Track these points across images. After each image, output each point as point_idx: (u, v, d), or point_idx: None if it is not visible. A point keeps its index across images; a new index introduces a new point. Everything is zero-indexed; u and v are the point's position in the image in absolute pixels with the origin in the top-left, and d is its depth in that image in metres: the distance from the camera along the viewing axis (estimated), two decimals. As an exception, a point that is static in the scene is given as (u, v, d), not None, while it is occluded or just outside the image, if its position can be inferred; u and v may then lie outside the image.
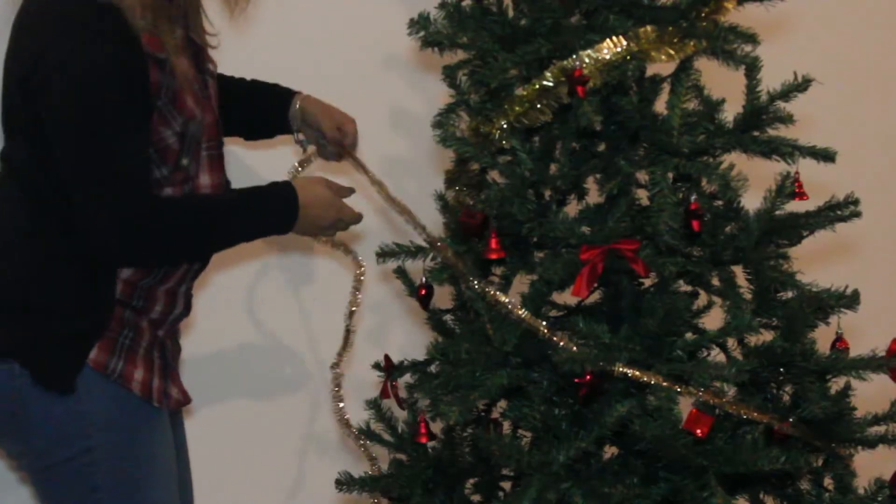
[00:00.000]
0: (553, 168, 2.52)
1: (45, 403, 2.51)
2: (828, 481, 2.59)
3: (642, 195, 2.51)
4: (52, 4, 2.52)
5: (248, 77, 2.94)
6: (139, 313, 2.60)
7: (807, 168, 2.55)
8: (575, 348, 2.40)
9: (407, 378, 2.70)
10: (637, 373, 2.38)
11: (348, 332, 2.91)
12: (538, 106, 2.49)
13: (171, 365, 2.68)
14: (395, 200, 2.69)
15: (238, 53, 2.97)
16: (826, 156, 2.53)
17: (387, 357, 2.76)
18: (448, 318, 2.66)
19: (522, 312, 2.45)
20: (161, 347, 2.64)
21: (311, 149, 2.92)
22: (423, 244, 2.62)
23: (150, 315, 2.62)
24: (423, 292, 2.62)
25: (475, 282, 2.50)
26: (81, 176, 2.48)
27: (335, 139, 2.86)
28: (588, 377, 2.36)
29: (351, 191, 2.79)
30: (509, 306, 2.46)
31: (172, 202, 2.57)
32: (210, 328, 3.19)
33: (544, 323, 2.44)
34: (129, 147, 2.49)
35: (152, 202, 2.53)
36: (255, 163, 3.22)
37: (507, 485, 2.66)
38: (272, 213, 2.64)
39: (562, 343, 2.41)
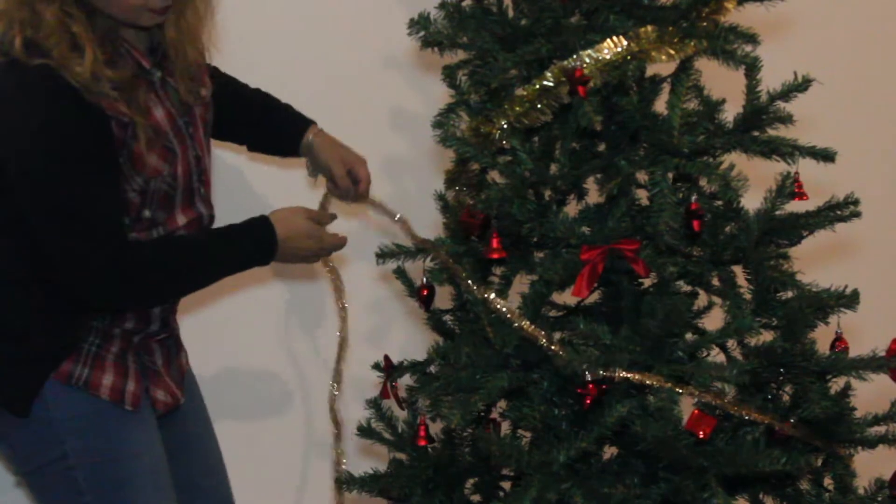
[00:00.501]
0: (553, 168, 2.52)
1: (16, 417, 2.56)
2: (828, 481, 2.59)
3: (642, 195, 2.51)
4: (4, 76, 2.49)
5: (256, 83, 2.94)
6: (109, 324, 2.60)
7: (807, 168, 2.55)
8: (574, 351, 2.41)
9: (407, 379, 2.70)
10: (638, 376, 2.38)
11: (342, 340, 2.92)
12: (538, 106, 2.48)
13: (155, 368, 2.67)
14: (416, 236, 2.68)
15: (238, 53, 2.97)
16: (826, 156, 2.53)
17: (387, 357, 2.76)
18: (448, 318, 2.66)
19: (523, 322, 2.45)
20: (137, 353, 2.64)
21: (322, 180, 2.89)
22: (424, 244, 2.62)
23: (121, 326, 2.62)
24: (426, 292, 2.62)
25: (476, 287, 2.50)
26: (50, 230, 2.49)
27: (346, 186, 2.83)
28: (591, 386, 2.36)
29: (332, 217, 2.78)
30: (509, 315, 2.46)
31: (147, 247, 2.57)
32: (209, 329, 3.19)
33: (543, 332, 2.44)
34: (96, 195, 2.49)
35: (124, 249, 2.53)
36: (265, 177, 3.23)
37: (507, 485, 2.66)
38: (249, 250, 2.65)
39: (560, 352, 2.41)
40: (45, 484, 2.61)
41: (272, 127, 2.89)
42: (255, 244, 2.64)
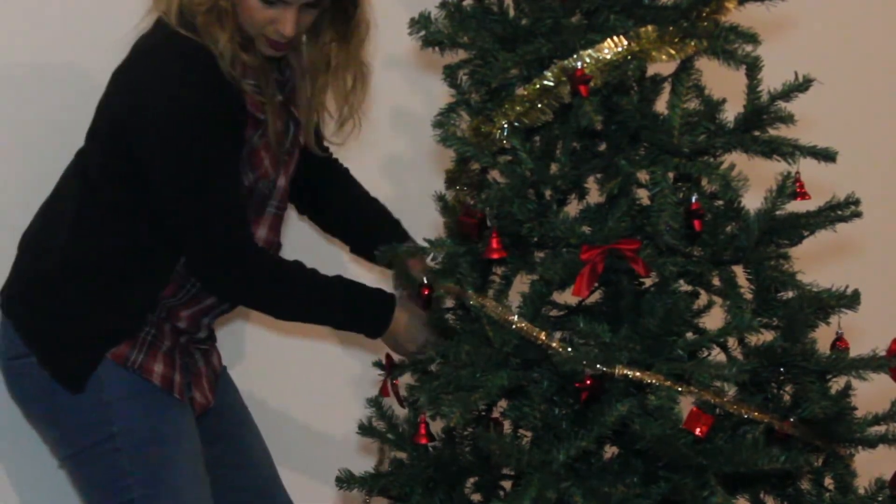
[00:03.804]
0: (553, 168, 2.52)
1: (70, 393, 2.63)
2: (828, 481, 2.59)
3: (643, 195, 2.51)
4: (157, 45, 2.60)
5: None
6: (163, 319, 2.67)
7: (807, 168, 2.55)
8: (573, 349, 2.41)
9: (408, 377, 2.70)
10: (637, 373, 2.38)
11: None
12: (539, 105, 2.48)
13: (196, 370, 2.76)
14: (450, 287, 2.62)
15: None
16: (827, 156, 2.53)
17: (387, 356, 2.76)
18: (449, 317, 2.66)
19: (522, 324, 2.45)
20: (183, 352, 2.71)
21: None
22: (424, 244, 2.62)
23: (174, 324, 2.69)
24: (427, 292, 2.62)
25: (474, 296, 2.51)
26: (182, 208, 2.59)
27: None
28: (589, 381, 2.36)
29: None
30: (507, 317, 2.46)
31: (271, 255, 2.67)
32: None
33: (543, 333, 2.44)
34: (228, 183, 2.59)
35: (251, 242, 2.63)
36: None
37: (507, 484, 2.66)
38: (361, 314, 2.69)
39: (560, 350, 2.41)
40: (89, 466, 2.67)
41: (369, 236, 2.88)
42: (372, 314, 2.69)
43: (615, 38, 2.45)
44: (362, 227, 2.92)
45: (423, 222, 3.09)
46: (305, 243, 3.16)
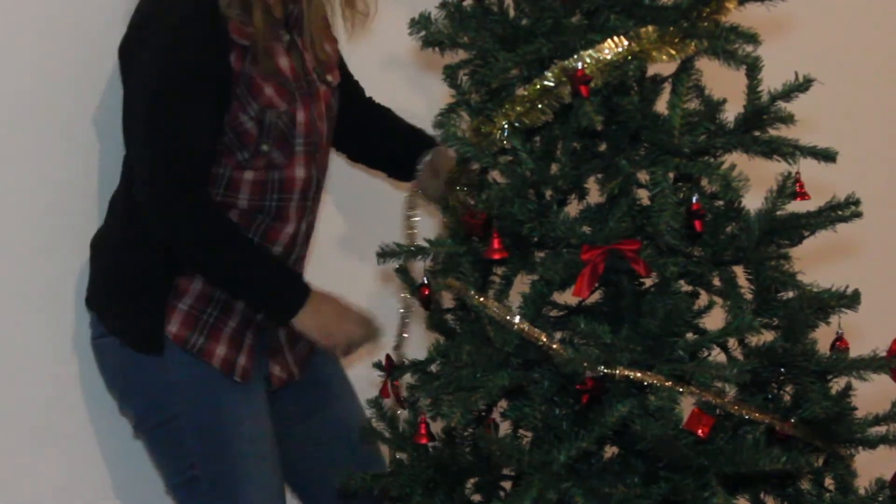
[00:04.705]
0: (554, 168, 2.52)
1: (142, 373, 2.77)
2: (828, 481, 2.59)
3: (643, 195, 2.51)
4: None
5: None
6: (231, 298, 2.77)
7: (807, 168, 2.55)
8: (574, 351, 2.41)
9: (408, 377, 2.70)
10: (638, 374, 2.38)
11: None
12: (539, 106, 2.48)
13: (276, 346, 2.84)
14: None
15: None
16: (827, 156, 2.53)
17: (387, 356, 2.76)
18: (449, 317, 2.66)
19: (524, 326, 2.45)
20: (260, 330, 2.80)
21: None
22: (424, 244, 2.62)
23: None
24: (427, 292, 2.62)
25: (476, 295, 2.51)
26: (142, 152, 2.71)
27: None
28: (590, 383, 2.36)
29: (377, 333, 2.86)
30: (508, 317, 2.46)
31: (215, 214, 2.72)
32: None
33: (543, 335, 2.44)
34: (190, 134, 2.67)
35: (195, 198, 2.70)
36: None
37: (507, 484, 2.66)
38: (271, 300, 2.77)
39: (561, 352, 2.41)
40: (157, 443, 2.81)
41: (400, 155, 3.00)
42: (280, 302, 2.77)
43: (615, 38, 2.45)
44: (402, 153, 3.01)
45: (423, 222, 3.09)
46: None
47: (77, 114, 2.91)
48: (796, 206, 2.55)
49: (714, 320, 2.55)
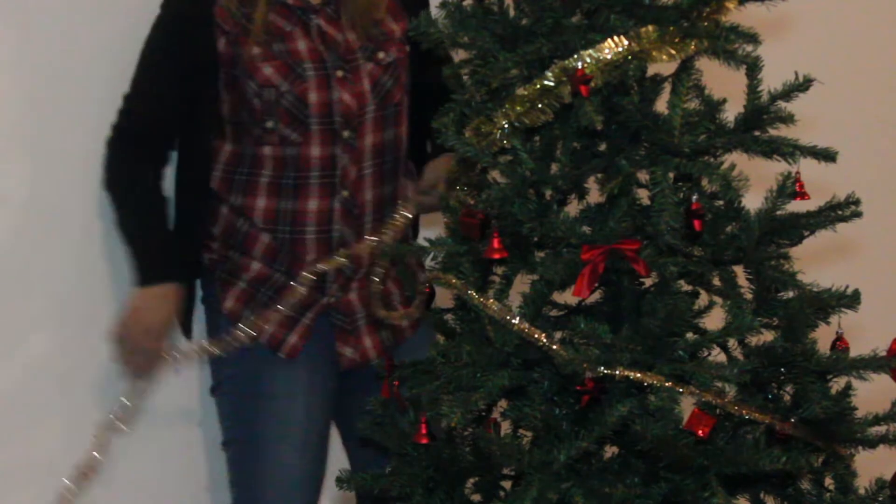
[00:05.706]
0: (554, 168, 2.52)
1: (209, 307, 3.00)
2: (829, 481, 2.59)
3: (643, 195, 2.51)
4: None
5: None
6: (286, 279, 2.91)
7: (807, 168, 2.55)
8: (574, 351, 2.41)
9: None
10: (638, 374, 2.38)
11: None
12: (539, 105, 2.48)
13: (349, 327, 2.94)
14: None
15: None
16: (827, 156, 2.53)
17: (388, 356, 2.76)
18: (449, 317, 2.66)
19: (524, 325, 2.45)
20: (327, 312, 2.92)
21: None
22: (424, 244, 2.62)
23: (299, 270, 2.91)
24: (427, 291, 2.62)
25: (476, 296, 2.51)
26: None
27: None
28: (590, 384, 2.36)
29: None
30: (508, 317, 2.46)
31: (134, 167, 2.93)
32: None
33: (543, 335, 2.44)
34: (147, 83, 2.88)
35: (127, 148, 2.91)
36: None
37: (507, 484, 2.66)
38: (138, 262, 2.92)
39: (561, 352, 2.41)
40: (216, 404, 3.01)
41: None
42: (138, 266, 2.93)
43: (616, 38, 2.45)
44: None
45: (422, 222, 3.09)
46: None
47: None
48: (796, 206, 2.55)
49: (714, 320, 2.55)
